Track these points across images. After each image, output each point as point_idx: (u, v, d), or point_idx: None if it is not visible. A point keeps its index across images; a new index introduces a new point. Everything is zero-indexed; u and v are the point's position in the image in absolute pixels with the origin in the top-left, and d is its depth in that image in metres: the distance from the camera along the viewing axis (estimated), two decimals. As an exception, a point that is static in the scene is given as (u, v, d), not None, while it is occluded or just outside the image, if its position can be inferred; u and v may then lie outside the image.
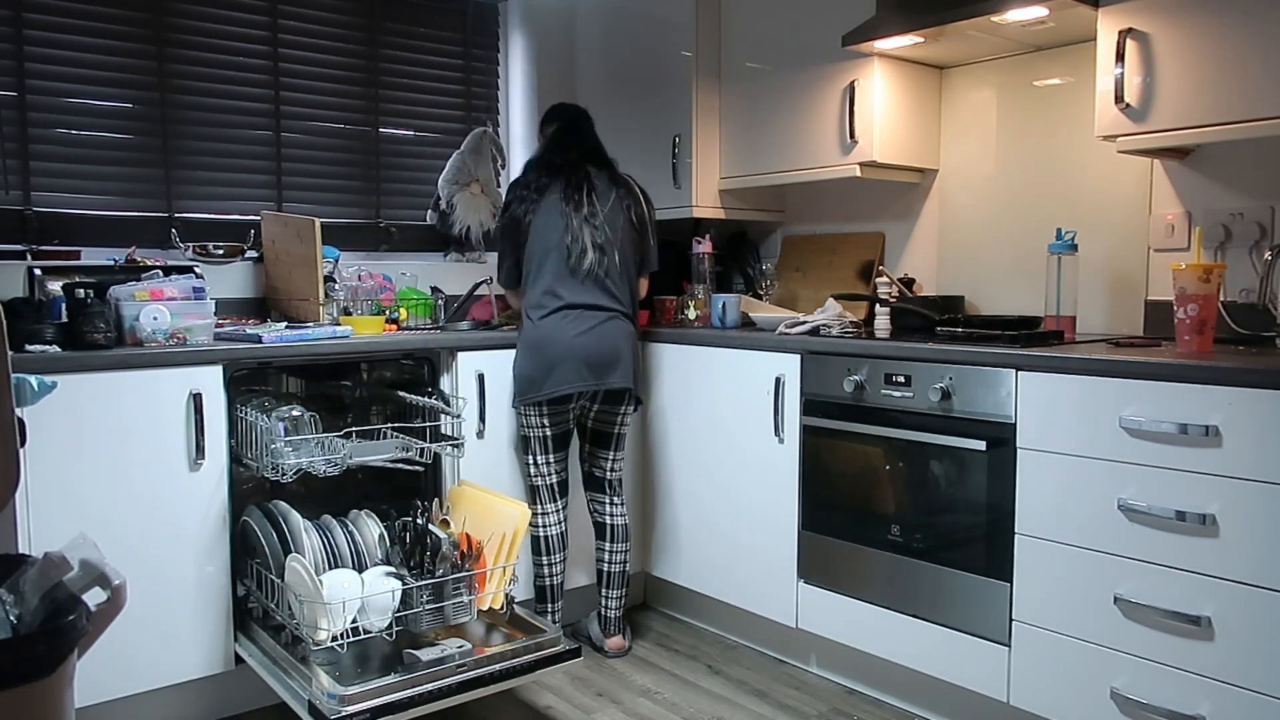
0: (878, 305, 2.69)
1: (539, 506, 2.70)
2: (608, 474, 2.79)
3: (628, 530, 2.80)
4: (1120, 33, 2.17)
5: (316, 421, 2.37)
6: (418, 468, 2.53)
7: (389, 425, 2.54)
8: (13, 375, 1.32)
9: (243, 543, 2.35)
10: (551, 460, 2.72)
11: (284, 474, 2.25)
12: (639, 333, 2.81)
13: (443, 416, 2.58)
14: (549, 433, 2.69)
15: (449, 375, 2.68)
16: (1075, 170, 2.62)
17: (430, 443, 2.49)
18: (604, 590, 2.80)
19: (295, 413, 2.35)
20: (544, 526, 2.71)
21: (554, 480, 2.73)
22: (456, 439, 2.55)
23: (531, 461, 2.71)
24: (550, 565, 2.72)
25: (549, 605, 2.72)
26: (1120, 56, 2.17)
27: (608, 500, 2.79)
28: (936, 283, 2.96)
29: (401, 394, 2.62)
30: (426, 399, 2.58)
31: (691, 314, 3.15)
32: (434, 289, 3.11)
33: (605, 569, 2.78)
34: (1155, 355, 1.95)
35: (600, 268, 2.63)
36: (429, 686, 2.02)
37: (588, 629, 2.86)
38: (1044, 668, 2.07)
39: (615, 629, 2.79)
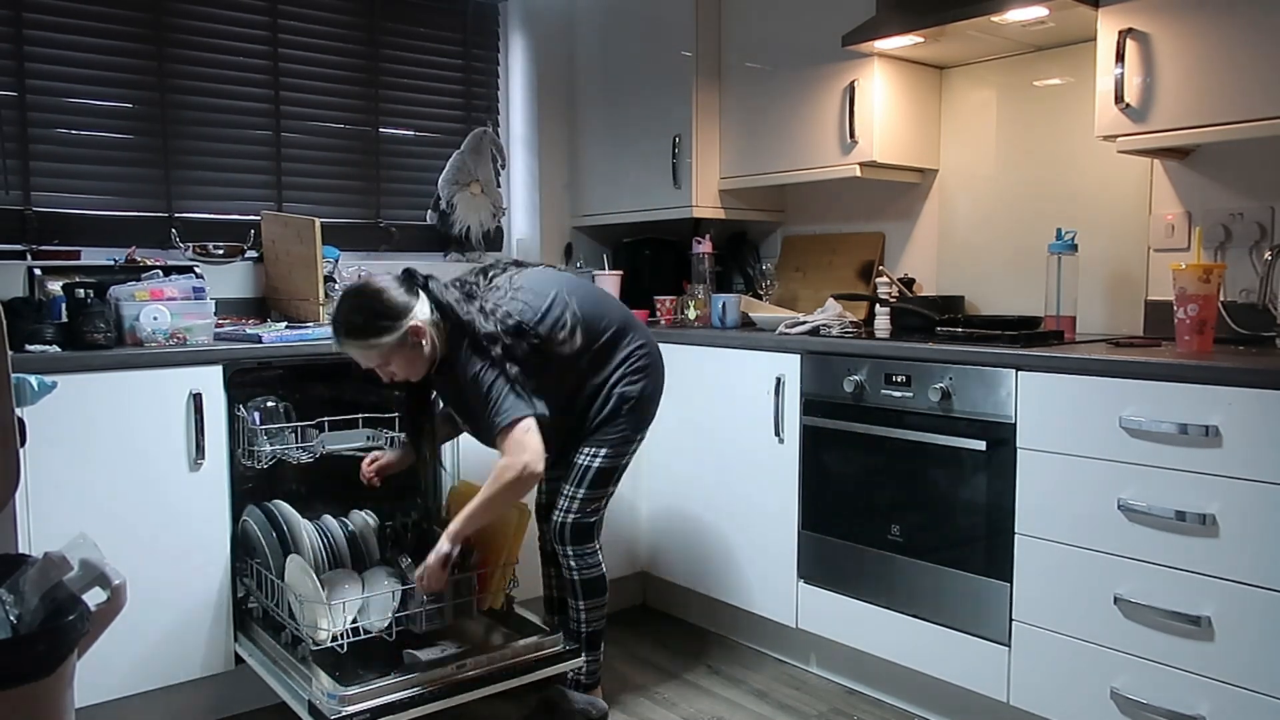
0: (878, 305, 2.69)
1: (598, 543, 2.29)
2: None
3: None
4: (1120, 33, 2.17)
5: (290, 411, 2.39)
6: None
7: (362, 415, 2.48)
8: (13, 375, 1.32)
9: (243, 543, 2.35)
10: None
11: (260, 461, 2.27)
12: None
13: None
14: None
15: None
16: (1075, 170, 2.62)
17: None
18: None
19: (270, 403, 2.37)
20: (604, 564, 2.31)
21: None
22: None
23: (608, 495, 2.31)
24: (606, 607, 2.34)
25: (601, 651, 2.36)
26: (1120, 56, 2.17)
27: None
28: (936, 283, 2.96)
29: (400, 393, 2.61)
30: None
31: (691, 314, 3.15)
32: (434, 289, 3.11)
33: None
34: (1155, 355, 1.95)
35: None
36: (429, 686, 2.02)
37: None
38: (1044, 668, 2.07)
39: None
